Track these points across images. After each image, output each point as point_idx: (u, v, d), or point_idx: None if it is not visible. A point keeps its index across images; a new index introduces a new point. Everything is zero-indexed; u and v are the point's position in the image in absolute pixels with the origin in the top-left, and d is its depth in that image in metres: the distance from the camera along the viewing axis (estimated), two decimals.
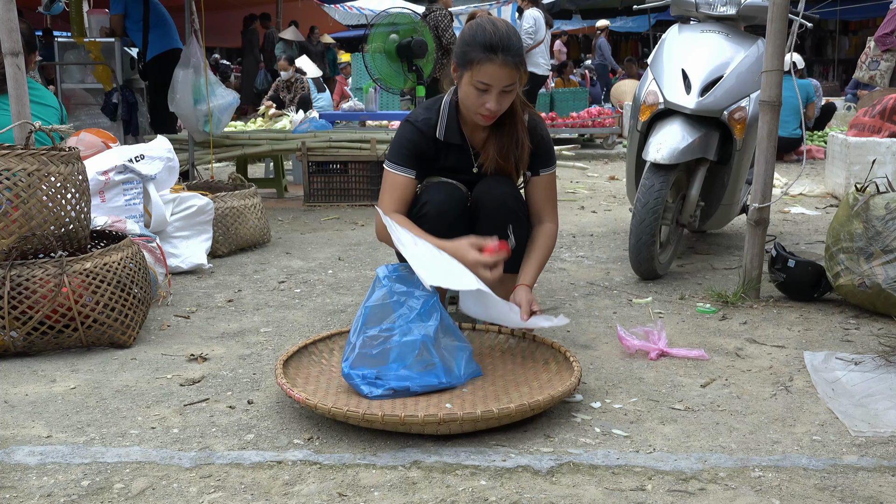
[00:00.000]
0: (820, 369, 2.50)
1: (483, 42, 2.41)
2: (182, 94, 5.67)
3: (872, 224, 3.00)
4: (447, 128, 2.62)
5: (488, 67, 2.40)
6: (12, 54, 3.28)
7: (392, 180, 2.61)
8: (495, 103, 2.45)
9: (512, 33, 2.45)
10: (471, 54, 2.42)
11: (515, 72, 2.43)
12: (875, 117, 5.97)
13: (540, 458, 1.94)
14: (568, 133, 10.27)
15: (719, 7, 3.90)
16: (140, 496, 1.77)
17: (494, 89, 2.43)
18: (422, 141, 2.62)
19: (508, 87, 2.45)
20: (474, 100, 2.47)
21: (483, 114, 2.48)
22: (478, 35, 2.43)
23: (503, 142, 2.59)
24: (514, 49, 2.42)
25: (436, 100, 2.69)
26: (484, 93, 2.44)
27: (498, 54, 2.39)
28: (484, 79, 2.41)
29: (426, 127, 2.62)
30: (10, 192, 2.66)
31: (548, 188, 2.73)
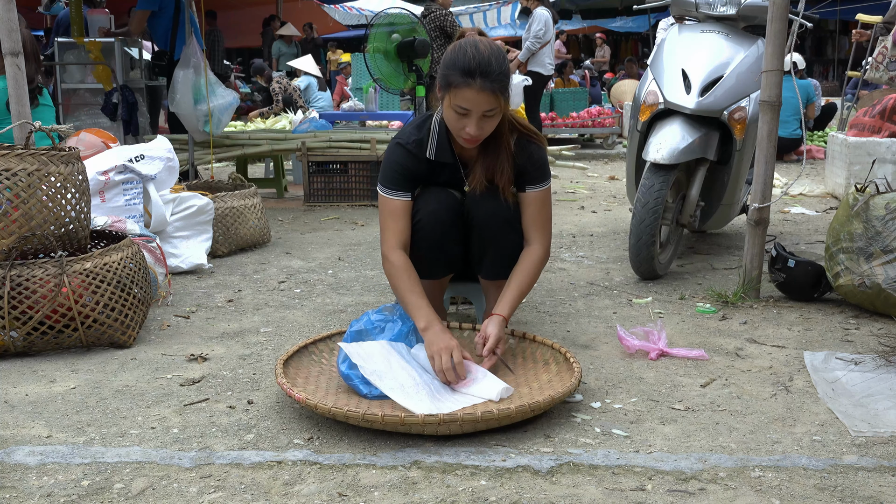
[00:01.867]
0: (820, 369, 2.50)
1: (462, 66, 2.31)
2: (182, 95, 5.67)
3: (872, 224, 3.00)
4: (438, 147, 2.54)
5: (466, 92, 2.31)
6: (12, 54, 3.28)
7: (390, 206, 2.52)
8: (475, 128, 2.36)
9: (494, 57, 2.33)
10: (450, 77, 2.34)
11: (494, 97, 2.32)
12: (875, 117, 5.97)
13: (540, 458, 1.94)
14: (568, 133, 10.27)
15: (719, 7, 3.90)
16: (140, 496, 1.77)
17: (474, 114, 2.34)
18: (413, 163, 2.54)
19: (489, 112, 2.34)
20: (455, 123, 2.40)
21: (464, 137, 2.41)
22: (458, 59, 2.34)
23: (489, 163, 2.52)
24: (494, 74, 2.31)
25: (425, 118, 2.61)
26: (463, 117, 2.35)
27: (476, 79, 2.29)
28: (462, 103, 2.32)
29: (417, 149, 2.54)
30: (10, 192, 2.66)
31: (536, 206, 2.58)
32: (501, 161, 2.51)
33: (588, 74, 15.86)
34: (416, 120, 2.63)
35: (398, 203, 2.52)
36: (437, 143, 2.53)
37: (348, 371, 2.26)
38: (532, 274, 2.53)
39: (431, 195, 2.56)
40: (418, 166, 2.55)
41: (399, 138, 2.58)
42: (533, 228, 2.58)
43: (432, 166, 2.56)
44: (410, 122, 2.64)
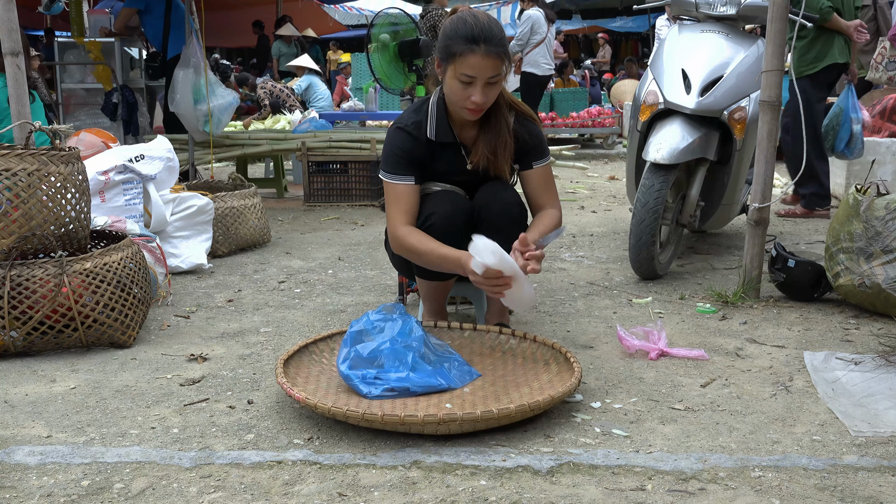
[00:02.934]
0: (820, 369, 2.50)
1: (465, 34, 2.37)
2: (182, 95, 5.67)
3: (872, 224, 3.00)
4: (437, 127, 2.56)
5: (471, 58, 2.36)
6: (12, 54, 3.29)
7: (395, 191, 2.54)
8: (481, 95, 2.40)
9: (493, 24, 2.40)
10: (453, 47, 2.38)
11: (499, 62, 2.39)
12: (875, 117, 5.97)
13: (540, 458, 1.94)
14: (568, 133, 10.26)
15: (719, 7, 3.90)
16: (140, 496, 1.77)
17: (479, 81, 2.39)
18: (415, 145, 2.56)
19: (493, 79, 2.41)
20: (459, 93, 2.43)
21: (469, 107, 2.44)
22: (459, 28, 2.40)
23: (491, 137, 2.55)
24: (496, 39, 2.38)
25: (422, 101, 2.63)
26: (469, 85, 2.40)
27: (480, 45, 2.35)
28: (468, 70, 2.37)
29: (416, 130, 2.57)
30: (10, 192, 2.66)
31: (544, 179, 2.65)
32: (503, 136, 2.55)
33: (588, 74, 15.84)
34: (413, 104, 2.67)
35: (402, 187, 2.53)
36: (437, 124, 2.56)
37: (348, 371, 2.26)
38: (555, 219, 2.57)
39: (445, 197, 2.55)
40: (418, 148, 2.57)
41: (398, 122, 2.61)
42: (546, 196, 2.64)
43: (432, 147, 2.58)
44: (408, 109, 2.67)
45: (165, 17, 6.45)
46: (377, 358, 2.30)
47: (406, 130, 2.57)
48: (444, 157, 2.60)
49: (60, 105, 7.00)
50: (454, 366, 2.38)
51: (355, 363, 2.28)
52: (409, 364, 2.28)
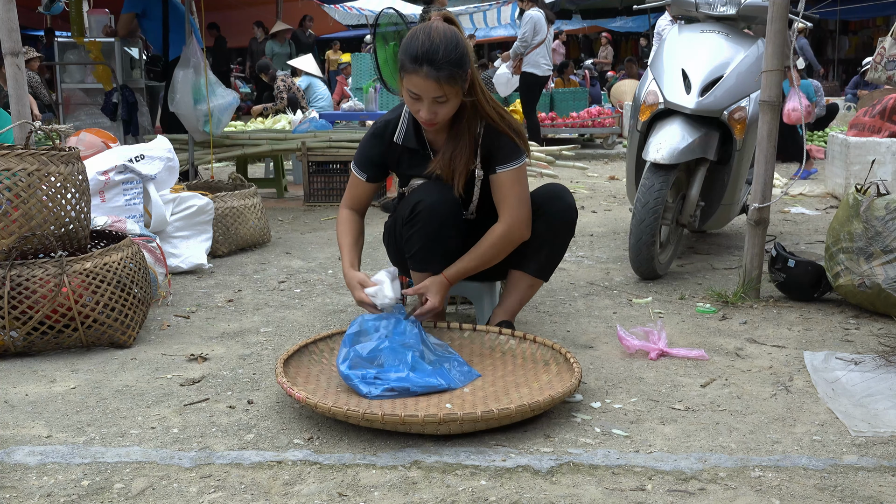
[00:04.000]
0: (820, 369, 2.50)
1: (412, 53, 2.34)
2: (182, 95, 5.67)
3: (872, 224, 3.00)
4: (405, 132, 2.59)
5: (414, 78, 2.35)
6: (12, 54, 3.29)
7: (351, 178, 2.73)
8: (427, 112, 2.39)
9: (444, 45, 2.32)
10: (402, 61, 2.39)
11: (438, 85, 2.33)
12: (875, 117, 5.97)
13: (540, 458, 1.94)
14: (568, 133, 10.26)
15: (719, 7, 3.90)
16: (140, 496, 1.77)
17: (425, 99, 2.37)
18: (379, 146, 2.63)
19: (440, 99, 2.37)
20: (410, 106, 2.45)
21: (421, 120, 2.45)
22: (410, 44, 2.37)
23: (449, 147, 2.54)
24: (440, 62, 2.31)
25: (401, 103, 2.65)
26: (416, 101, 2.40)
27: (423, 66, 2.32)
28: (412, 88, 2.38)
29: (384, 131, 2.62)
30: (10, 192, 2.66)
31: (507, 185, 2.55)
32: (462, 146, 2.53)
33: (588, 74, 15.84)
34: (394, 108, 2.72)
35: (355, 180, 2.72)
36: (405, 129, 2.61)
37: (348, 371, 2.26)
38: (492, 248, 2.55)
39: (433, 187, 2.55)
40: (383, 150, 2.64)
41: (375, 126, 2.69)
42: (501, 206, 2.58)
43: (398, 150, 2.63)
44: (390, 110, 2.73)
45: (164, 19, 6.46)
46: (377, 357, 2.30)
47: (375, 131, 2.66)
48: (413, 160, 2.62)
49: (60, 105, 7.00)
50: (454, 366, 2.38)
51: (355, 363, 2.28)
52: (408, 363, 2.29)
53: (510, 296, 2.72)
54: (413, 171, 2.64)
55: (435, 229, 2.51)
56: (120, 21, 6.83)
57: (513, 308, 2.74)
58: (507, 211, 2.56)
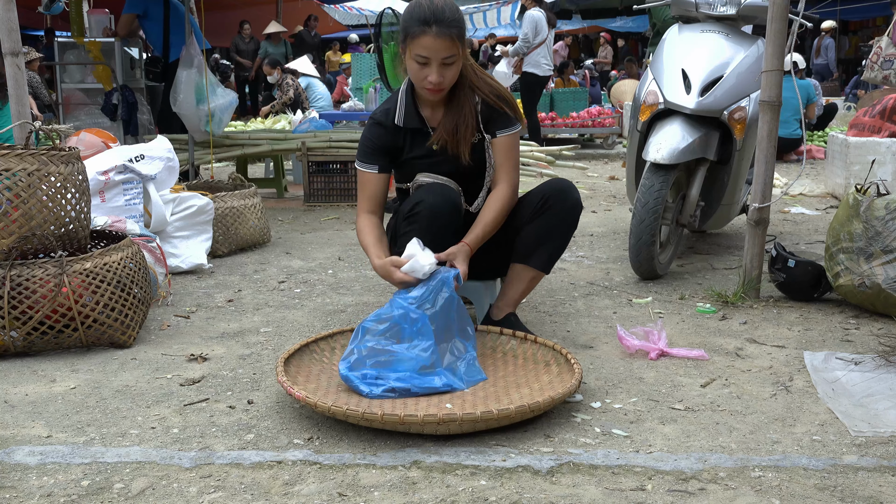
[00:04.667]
0: (820, 369, 2.50)
1: (418, 16, 2.44)
2: (185, 95, 5.67)
3: (872, 224, 3.00)
4: (405, 114, 2.64)
5: (424, 39, 2.43)
6: (12, 54, 3.29)
7: (361, 178, 2.69)
8: (436, 75, 2.47)
9: (448, 6, 2.47)
10: (408, 29, 2.47)
11: (451, 43, 2.45)
12: (875, 117, 5.97)
13: (540, 458, 1.94)
14: (568, 133, 10.26)
15: (719, 7, 3.90)
16: (140, 496, 1.77)
17: (434, 62, 2.46)
18: (383, 134, 2.66)
19: (448, 59, 2.47)
20: (416, 73, 2.50)
21: (427, 87, 2.51)
22: (414, 10, 2.47)
23: (452, 117, 2.61)
24: (448, 20, 2.44)
25: (395, 93, 2.71)
26: (424, 66, 2.47)
27: (432, 26, 2.42)
28: (421, 51, 2.45)
29: (385, 118, 2.66)
30: (10, 192, 2.66)
31: (505, 149, 2.66)
32: (464, 115, 2.60)
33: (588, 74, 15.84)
34: (390, 96, 2.74)
35: (368, 175, 2.67)
36: (405, 110, 2.64)
37: (347, 372, 2.26)
38: (499, 209, 2.61)
39: (435, 188, 2.58)
40: (387, 136, 2.65)
41: (374, 115, 2.70)
42: (501, 170, 2.67)
43: (402, 133, 2.66)
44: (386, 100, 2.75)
45: (164, 20, 6.45)
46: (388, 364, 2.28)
47: (375, 120, 2.67)
48: (415, 141, 2.67)
49: (60, 105, 6.99)
50: (463, 364, 2.35)
51: (356, 363, 2.27)
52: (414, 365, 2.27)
53: (512, 288, 2.73)
54: (416, 151, 2.67)
55: (434, 231, 2.52)
56: (120, 21, 6.83)
57: (515, 300, 2.76)
58: (507, 175, 2.67)
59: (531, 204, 2.68)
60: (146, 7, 6.52)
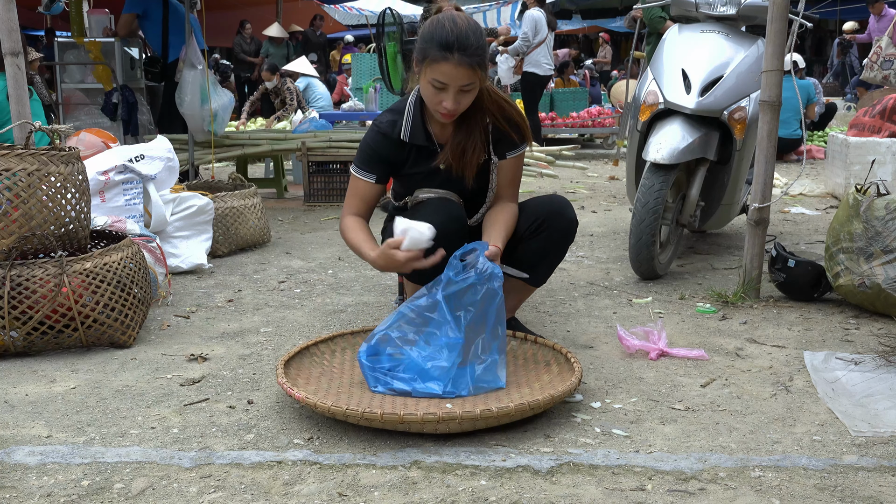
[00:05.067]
0: (820, 369, 2.50)
1: (440, 40, 2.31)
2: (192, 96, 5.68)
3: (872, 224, 3.00)
4: (412, 129, 2.52)
5: (444, 66, 2.31)
6: (12, 54, 3.29)
7: (355, 184, 2.58)
8: (452, 102, 2.36)
9: (472, 31, 2.34)
10: (428, 51, 2.33)
11: (472, 72, 2.32)
12: (875, 117, 5.97)
13: (540, 458, 1.94)
14: (568, 133, 10.26)
15: (719, 7, 3.90)
16: (140, 496, 1.77)
17: (451, 88, 2.33)
18: (387, 145, 2.54)
19: (467, 87, 2.35)
20: (431, 97, 2.38)
21: (441, 111, 2.40)
22: (436, 32, 2.33)
23: (461, 139, 2.51)
24: (472, 48, 2.31)
25: (403, 100, 2.60)
26: (441, 91, 2.35)
27: (454, 53, 2.29)
28: (440, 77, 2.32)
29: (390, 129, 2.54)
30: (10, 192, 2.66)
31: (514, 170, 2.62)
32: (474, 139, 2.51)
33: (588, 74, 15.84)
34: (395, 103, 2.63)
35: (362, 183, 2.56)
36: (412, 125, 2.53)
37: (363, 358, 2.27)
38: (513, 224, 2.56)
39: (439, 206, 2.50)
40: (390, 148, 2.54)
41: (376, 120, 2.60)
42: (508, 188, 2.62)
43: (406, 148, 2.55)
44: (392, 106, 2.62)
45: (164, 21, 6.45)
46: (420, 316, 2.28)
47: (380, 129, 2.55)
48: (419, 157, 2.57)
49: (60, 105, 6.99)
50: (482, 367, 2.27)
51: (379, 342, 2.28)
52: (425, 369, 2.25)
53: (510, 299, 2.71)
54: (418, 168, 2.58)
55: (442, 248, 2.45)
56: (120, 21, 6.83)
57: (513, 307, 2.76)
58: (514, 195, 2.64)
59: (528, 220, 2.60)
60: (146, 7, 6.52)
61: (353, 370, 2.44)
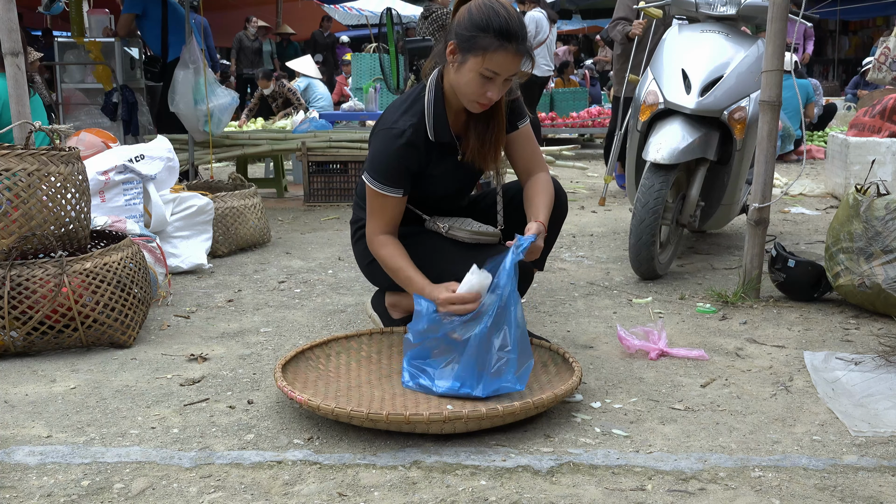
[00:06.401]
0: (820, 369, 2.50)
1: (498, 29, 2.24)
2: (182, 95, 5.67)
3: (872, 224, 3.00)
4: (436, 127, 2.42)
5: (501, 56, 2.25)
6: (12, 54, 3.29)
7: (381, 201, 2.43)
8: (498, 92, 2.31)
9: (519, 20, 2.31)
10: (482, 41, 2.24)
11: (521, 60, 2.30)
12: (875, 117, 5.97)
13: (540, 458, 1.94)
14: (568, 133, 10.26)
15: (719, 7, 3.90)
16: (140, 496, 1.77)
17: (500, 78, 2.29)
18: (415, 155, 2.41)
19: (513, 77, 2.32)
20: (476, 88, 2.29)
21: (482, 102, 2.33)
22: (492, 20, 2.25)
23: (482, 130, 2.46)
24: (524, 37, 2.28)
25: (413, 100, 2.46)
26: (489, 81, 2.28)
27: (512, 43, 2.25)
28: (495, 68, 2.25)
29: (416, 136, 2.40)
30: (10, 192, 2.66)
31: (530, 139, 2.58)
32: (499, 130, 2.48)
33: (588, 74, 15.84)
34: (401, 104, 2.48)
35: (391, 200, 2.43)
36: (435, 122, 2.43)
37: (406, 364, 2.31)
38: (552, 191, 2.53)
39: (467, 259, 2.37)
40: (419, 157, 2.43)
41: (394, 127, 2.41)
42: (534, 160, 2.59)
43: (431, 148, 2.46)
44: (395, 108, 2.48)
45: (163, 21, 6.46)
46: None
47: (406, 139, 2.38)
48: (442, 155, 2.50)
49: (60, 105, 6.99)
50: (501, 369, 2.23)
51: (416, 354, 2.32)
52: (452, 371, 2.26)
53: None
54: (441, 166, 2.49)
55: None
56: (120, 21, 6.83)
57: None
58: (542, 161, 2.61)
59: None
60: (145, 7, 6.52)
61: (349, 374, 2.44)
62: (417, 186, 2.51)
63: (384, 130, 2.43)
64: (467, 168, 2.55)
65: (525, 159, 2.58)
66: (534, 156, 2.59)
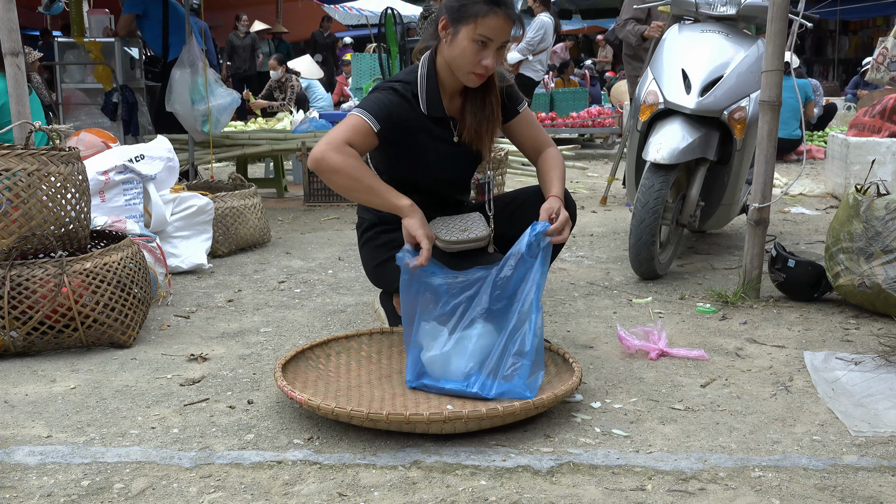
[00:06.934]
0: (820, 369, 2.50)
1: None
2: (178, 95, 5.66)
3: (872, 224, 3.00)
4: (429, 101, 2.48)
5: (492, 20, 2.33)
6: (12, 54, 3.29)
7: (354, 122, 2.37)
8: (492, 59, 2.37)
9: None
10: (472, 8, 2.34)
11: (512, 25, 2.37)
12: (875, 117, 5.97)
13: (540, 458, 1.94)
14: (568, 133, 10.26)
15: (719, 7, 3.90)
16: (140, 496, 1.77)
17: (494, 44, 2.35)
18: (405, 109, 2.45)
19: (505, 44, 2.39)
20: (471, 57, 2.36)
21: (478, 72, 2.38)
22: None
23: (478, 109, 2.51)
24: (510, 3, 2.37)
25: (408, 72, 2.54)
26: (483, 48, 2.35)
27: (500, 7, 2.34)
28: (487, 32, 2.33)
29: (409, 94, 2.47)
30: (10, 192, 2.66)
31: (532, 121, 2.67)
32: (493, 108, 2.52)
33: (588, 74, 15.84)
34: (402, 75, 2.55)
35: (365, 125, 2.37)
36: (428, 97, 2.48)
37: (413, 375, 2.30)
38: (563, 165, 2.60)
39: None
40: (405, 112, 2.46)
41: (393, 85, 2.48)
42: (540, 139, 2.67)
43: (423, 120, 2.50)
44: (396, 76, 2.55)
45: (163, 21, 6.45)
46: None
47: (403, 94, 2.46)
48: (434, 130, 2.53)
49: (60, 105, 6.99)
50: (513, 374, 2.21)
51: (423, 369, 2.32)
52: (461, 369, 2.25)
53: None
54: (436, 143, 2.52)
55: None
56: (120, 21, 6.83)
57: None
58: (545, 139, 2.67)
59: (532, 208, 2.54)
60: (145, 7, 6.52)
61: (349, 373, 2.44)
62: (414, 164, 2.55)
63: (385, 88, 2.50)
64: (465, 151, 2.58)
65: (532, 139, 2.67)
66: (539, 135, 2.68)
